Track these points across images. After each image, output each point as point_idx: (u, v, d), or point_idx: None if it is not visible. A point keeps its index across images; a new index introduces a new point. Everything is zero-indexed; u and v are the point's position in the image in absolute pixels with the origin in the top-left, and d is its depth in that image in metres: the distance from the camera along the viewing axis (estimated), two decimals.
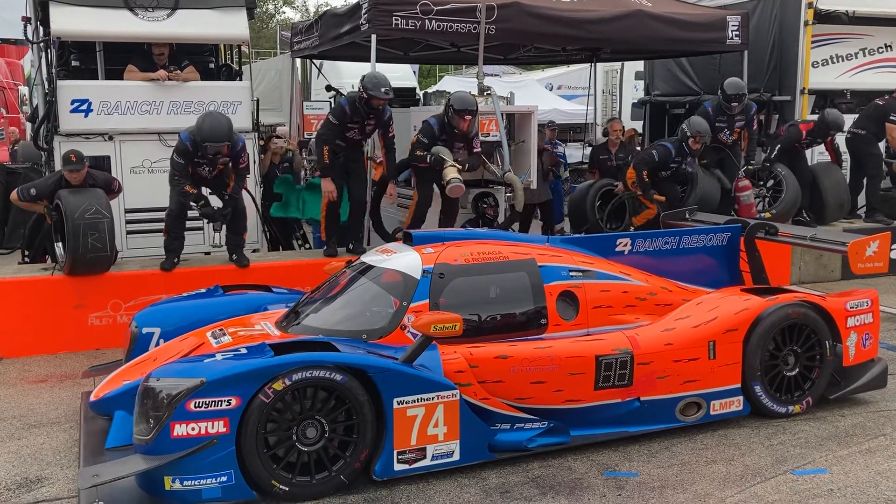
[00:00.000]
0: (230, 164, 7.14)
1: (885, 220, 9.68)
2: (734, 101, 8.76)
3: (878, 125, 9.67)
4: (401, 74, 16.42)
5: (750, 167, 9.06)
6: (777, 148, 9.36)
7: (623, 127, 10.24)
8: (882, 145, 9.89)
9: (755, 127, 9.15)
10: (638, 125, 14.36)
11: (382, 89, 7.34)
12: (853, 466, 4.53)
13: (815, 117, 9.68)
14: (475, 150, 7.84)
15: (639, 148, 10.72)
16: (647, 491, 4.26)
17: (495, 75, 17.64)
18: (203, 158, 6.97)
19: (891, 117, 9.54)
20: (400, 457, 4.24)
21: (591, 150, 10.61)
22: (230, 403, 3.90)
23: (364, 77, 7.48)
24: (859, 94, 10.41)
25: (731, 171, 9.04)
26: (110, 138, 8.31)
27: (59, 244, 6.97)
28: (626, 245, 5.72)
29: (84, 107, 8.17)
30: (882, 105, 9.66)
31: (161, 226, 7.70)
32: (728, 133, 9.03)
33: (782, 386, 5.19)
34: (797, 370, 5.23)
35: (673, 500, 4.16)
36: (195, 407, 3.86)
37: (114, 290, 7.02)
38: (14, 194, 7.22)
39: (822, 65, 10.23)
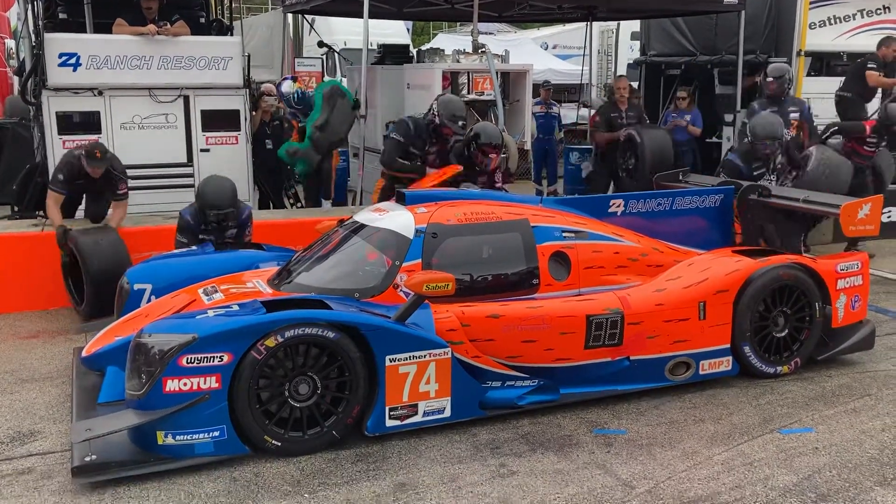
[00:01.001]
0: (235, 235, 6.32)
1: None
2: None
3: (862, 83, 9.53)
4: (393, 31, 16.26)
5: None
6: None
7: (630, 84, 9.90)
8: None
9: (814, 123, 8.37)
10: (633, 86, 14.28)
11: (460, 122, 6.92)
12: (838, 426, 4.59)
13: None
14: (497, 186, 6.97)
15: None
16: (635, 448, 4.32)
17: (489, 33, 17.48)
18: (207, 232, 6.17)
19: (868, 65, 9.38)
20: (392, 413, 4.28)
21: (600, 108, 10.25)
22: (222, 360, 3.92)
23: (439, 98, 7.13)
24: (856, 56, 10.32)
25: None
26: (100, 93, 8.21)
27: (71, 286, 6.62)
28: (619, 206, 5.71)
29: (72, 61, 8.05)
30: (861, 60, 9.53)
31: (153, 182, 7.66)
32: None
33: (771, 347, 5.23)
34: (786, 331, 5.27)
35: (661, 457, 4.21)
36: (187, 363, 3.88)
37: None
38: (51, 195, 6.77)
39: (820, 26, 10.16)
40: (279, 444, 4.11)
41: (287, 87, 9.46)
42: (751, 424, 4.58)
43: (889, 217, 9.11)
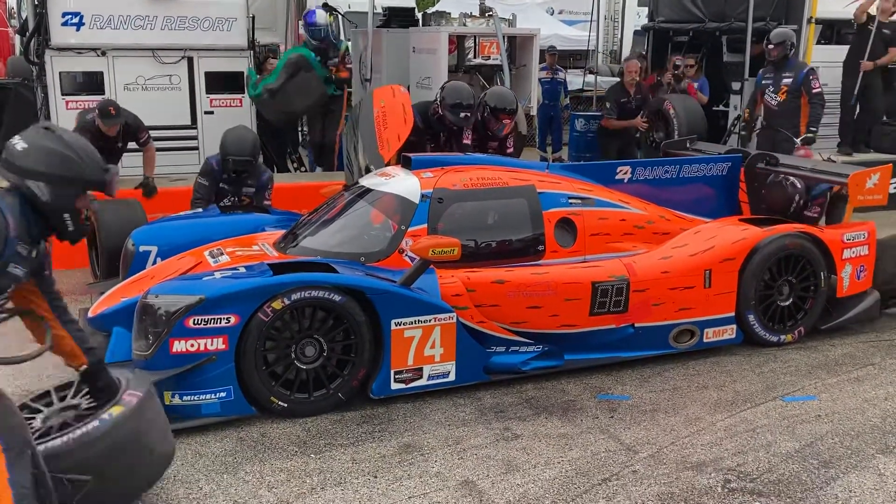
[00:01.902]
0: (254, 195, 6.31)
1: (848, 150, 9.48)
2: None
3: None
4: None
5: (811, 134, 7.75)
6: None
7: (640, 67, 9.48)
8: None
9: (816, 90, 7.80)
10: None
11: (461, 114, 6.33)
12: (841, 394, 4.61)
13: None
14: (508, 151, 6.63)
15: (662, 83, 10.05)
16: (638, 414, 4.34)
17: None
18: (228, 183, 6.23)
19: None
20: (397, 376, 4.30)
21: (609, 92, 10.10)
22: (229, 321, 3.93)
23: (445, 85, 6.68)
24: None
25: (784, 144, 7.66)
26: (103, 53, 8.17)
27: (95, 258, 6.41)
28: (626, 173, 5.69)
29: (76, 20, 8.00)
30: (887, 34, 9.41)
31: (157, 144, 7.61)
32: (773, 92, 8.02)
33: (775, 315, 5.24)
34: (791, 300, 5.27)
35: (664, 423, 4.24)
36: (194, 324, 3.89)
37: None
38: None
39: None
40: (285, 405, 4.15)
41: (321, 17, 8.83)
42: (754, 392, 4.61)
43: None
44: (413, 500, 3.50)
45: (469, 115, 6.36)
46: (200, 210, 5.90)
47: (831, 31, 10.43)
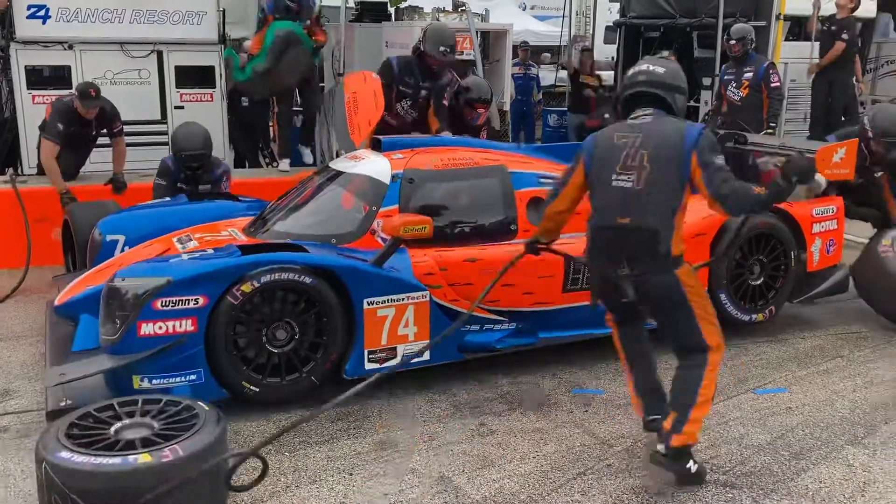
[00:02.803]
0: (211, 189, 6.27)
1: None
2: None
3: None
4: None
5: (770, 131, 7.84)
6: None
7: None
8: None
9: (774, 85, 7.91)
10: (611, 49, 14.21)
11: (440, 48, 6.39)
12: (811, 386, 4.67)
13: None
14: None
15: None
16: (612, 408, 4.36)
17: None
18: (185, 181, 6.19)
19: (842, 36, 9.44)
20: (370, 356, 4.27)
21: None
22: (197, 302, 3.87)
23: (427, 26, 6.74)
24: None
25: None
26: (70, 47, 8.02)
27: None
28: None
29: (41, 13, 7.85)
30: (834, 29, 9.57)
31: (131, 140, 7.53)
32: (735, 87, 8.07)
33: (747, 295, 5.27)
34: (762, 279, 5.31)
35: (638, 417, 4.25)
36: (162, 306, 3.83)
37: None
38: (46, 146, 6.68)
39: None
40: (257, 389, 4.09)
41: None
42: (726, 385, 4.63)
43: None
44: (389, 498, 3.47)
45: (449, 50, 6.41)
46: (168, 199, 5.82)
47: (799, 27, 10.56)
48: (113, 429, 3.19)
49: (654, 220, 3.40)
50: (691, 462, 3.49)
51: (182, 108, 8.51)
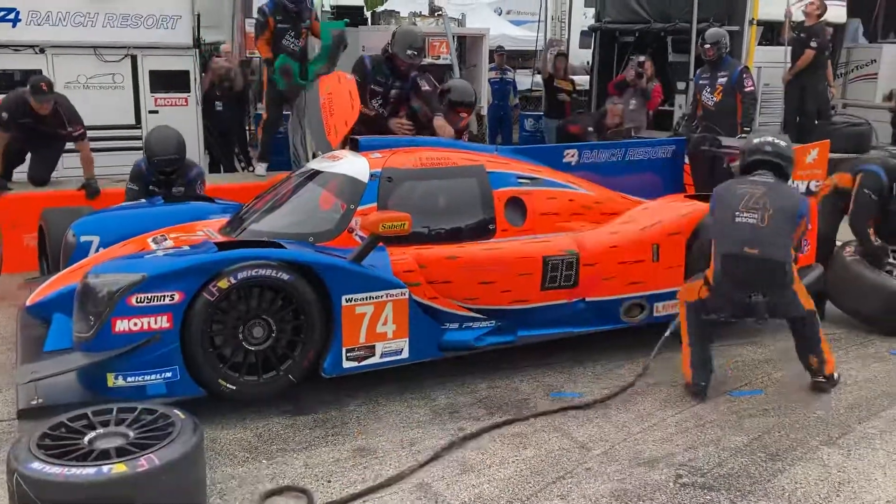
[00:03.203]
0: (184, 193, 6.17)
1: None
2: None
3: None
4: None
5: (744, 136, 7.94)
6: None
7: (622, 112, 9.19)
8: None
9: (748, 89, 7.92)
10: (586, 54, 14.28)
11: (408, 51, 6.47)
12: (786, 387, 4.70)
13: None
14: None
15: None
16: (591, 411, 4.36)
17: None
18: (158, 185, 6.12)
19: (811, 43, 9.59)
20: (349, 354, 4.23)
21: (588, 115, 10.06)
22: (173, 299, 3.81)
23: (398, 28, 6.79)
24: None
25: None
26: (41, 51, 7.92)
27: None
28: (573, 156, 5.74)
29: (11, 16, 7.76)
30: (804, 37, 9.72)
31: (100, 144, 7.45)
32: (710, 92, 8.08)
33: None
34: None
35: (616, 419, 4.27)
36: (137, 302, 3.77)
37: None
38: None
39: None
40: (234, 387, 4.03)
41: None
42: None
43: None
44: (367, 503, 3.45)
45: (416, 52, 6.47)
46: (143, 200, 5.75)
47: (772, 32, 10.68)
48: (86, 438, 3.13)
49: (780, 254, 4.30)
50: (836, 374, 4.68)
51: (156, 112, 8.44)
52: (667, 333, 4.72)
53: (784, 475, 3.73)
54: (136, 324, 3.78)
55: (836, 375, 4.69)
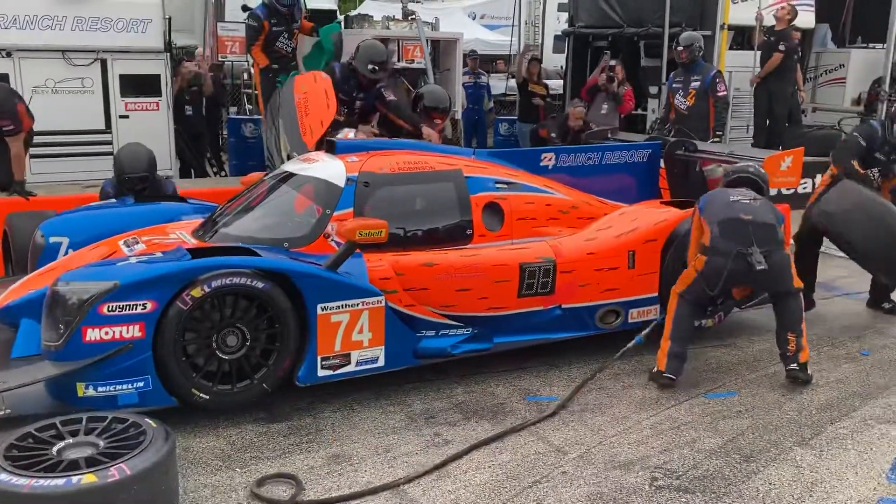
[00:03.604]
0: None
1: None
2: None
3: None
4: None
5: (716, 139, 7.97)
6: None
7: (583, 114, 9.34)
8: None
9: (721, 93, 8.08)
10: (560, 58, 14.34)
11: (369, 65, 6.50)
12: (760, 389, 4.74)
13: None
14: None
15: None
16: (567, 414, 4.36)
17: (417, 1, 17.31)
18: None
19: (779, 47, 9.72)
20: (324, 363, 4.19)
21: (551, 120, 10.13)
22: (146, 307, 3.76)
23: (362, 42, 6.77)
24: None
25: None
26: (9, 55, 7.84)
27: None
28: (550, 160, 5.74)
29: None
30: (773, 40, 9.84)
31: (69, 150, 7.36)
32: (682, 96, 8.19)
33: None
34: None
35: (592, 422, 4.27)
36: (108, 311, 3.70)
37: None
38: None
39: (742, 0, 10.36)
40: (208, 397, 3.98)
41: None
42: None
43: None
44: None
45: (377, 68, 6.47)
46: (114, 200, 5.65)
47: (742, 37, 10.81)
48: (55, 449, 3.07)
49: (771, 219, 4.71)
50: (809, 371, 4.78)
51: (127, 117, 8.37)
52: (630, 344, 4.81)
53: (758, 476, 3.76)
54: (107, 333, 3.72)
55: (810, 372, 4.76)
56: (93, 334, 3.71)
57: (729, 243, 4.60)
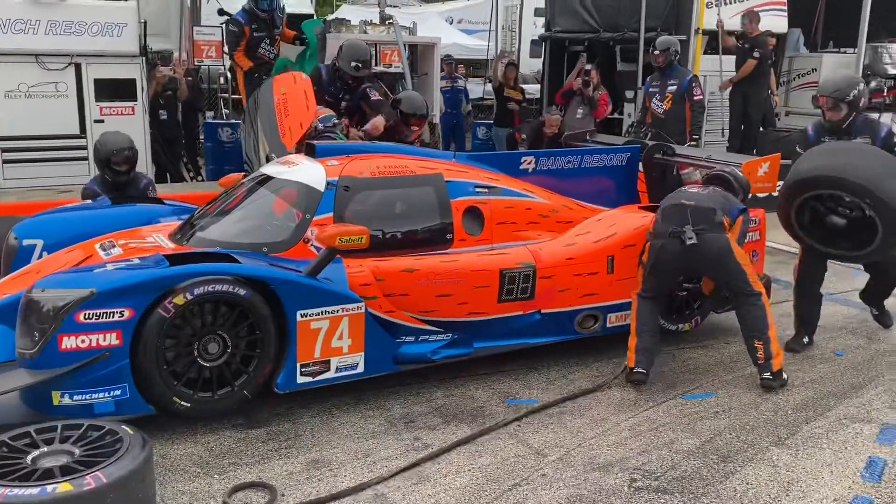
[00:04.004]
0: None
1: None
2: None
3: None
4: (296, 0, 15.86)
5: (693, 143, 8.12)
6: None
7: (559, 123, 9.31)
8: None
9: (697, 98, 8.21)
10: (537, 63, 14.40)
11: (352, 63, 6.58)
12: (736, 390, 4.78)
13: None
14: None
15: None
16: (546, 417, 4.37)
17: (394, 6, 17.32)
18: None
19: (754, 53, 9.84)
20: (303, 369, 4.18)
21: (527, 124, 10.15)
22: (123, 315, 3.72)
23: (343, 43, 6.82)
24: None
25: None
26: None
27: None
28: (530, 163, 5.75)
29: None
30: (747, 46, 9.95)
31: (43, 154, 7.28)
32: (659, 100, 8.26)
33: (673, 306, 5.37)
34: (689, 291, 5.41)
35: (571, 424, 4.29)
36: (85, 318, 3.67)
37: None
38: None
39: (716, 5, 10.46)
40: (188, 404, 3.95)
41: None
42: (655, 391, 4.71)
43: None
44: None
45: (361, 66, 6.51)
46: (89, 201, 5.58)
47: (717, 41, 10.90)
48: (29, 457, 3.04)
49: (711, 205, 4.75)
50: (784, 374, 4.78)
51: (102, 121, 8.29)
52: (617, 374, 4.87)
53: (735, 476, 3.79)
54: (83, 341, 3.68)
55: (784, 375, 4.79)
56: (69, 342, 3.67)
57: (666, 225, 4.73)
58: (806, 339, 5.48)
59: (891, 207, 4.73)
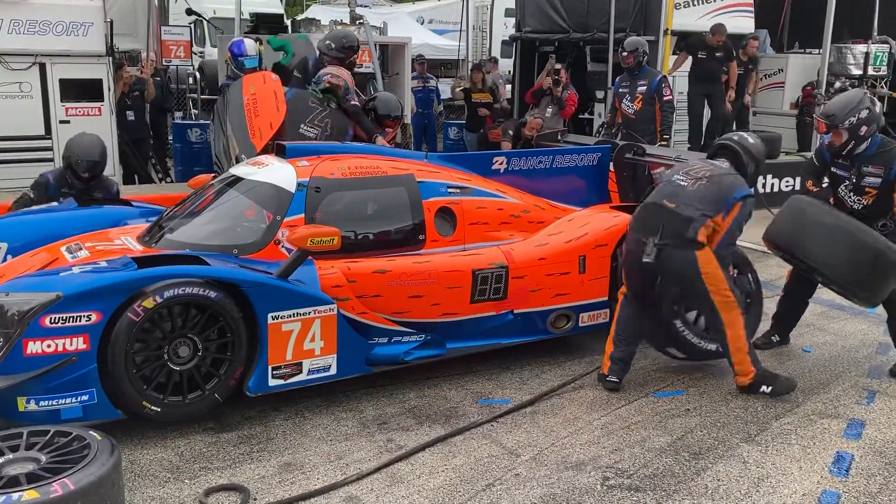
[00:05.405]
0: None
1: None
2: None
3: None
4: (266, 0, 15.78)
5: (664, 143, 8.14)
6: None
7: (540, 125, 9.41)
8: None
9: (666, 98, 8.22)
10: (508, 63, 14.43)
11: (327, 41, 6.61)
12: (707, 387, 4.82)
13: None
14: None
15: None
16: (519, 416, 4.38)
17: (364, 6, 17.27)
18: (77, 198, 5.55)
19: (729, 64, 10.01)
20: (275, 372, 4.14)
21: (508, 123, 10.17)
22: (90, 319, 3.66)
23: (328, 32, 6.85)
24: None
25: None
26: None
27: None
28: (501, 163, 5.76)
29: None
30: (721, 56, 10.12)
31: (6, 156, 7.16)
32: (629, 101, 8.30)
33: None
34: None
35: (544, 423, 4.31)
36: (51, 323, 3.60)
37: None
38: None
39: (685, 6, 10.57)
40: (158, 409, 3.89)
41: (251, 48, 7.83)
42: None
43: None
44: None
45: (333, 45, 6.52)
46: (56, 203, 5.47)
47: (684, 41, 11.01)
48: None
49: (691, 213, 4.43)
50: (763, 387, 4.61)
51: (68, 122, 8.18)
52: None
53: (707, 473, 3.83)
54: (49, 345, 3.62)
55: (764, 389, 4.61)
56: (34, 347, 3.60)
57: (637, 229, 4.63)
58: (776, 338, 5.53)
59: (850, 291, 4.85)
